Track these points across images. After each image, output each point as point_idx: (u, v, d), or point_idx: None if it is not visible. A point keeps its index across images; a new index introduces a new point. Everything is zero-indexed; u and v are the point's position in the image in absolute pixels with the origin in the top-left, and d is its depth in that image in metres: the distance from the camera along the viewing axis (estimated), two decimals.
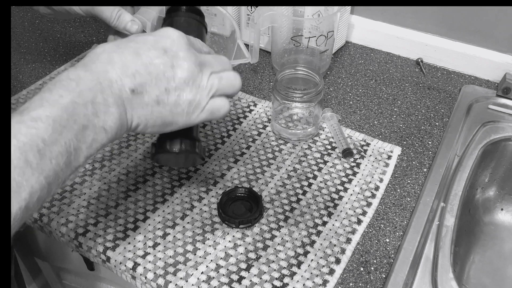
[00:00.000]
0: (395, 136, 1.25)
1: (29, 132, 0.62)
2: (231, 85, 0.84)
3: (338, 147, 1.20)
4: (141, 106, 0.76)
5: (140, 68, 0.74)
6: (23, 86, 1.40)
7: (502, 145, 1.27)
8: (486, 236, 1.35)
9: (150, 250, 0.99)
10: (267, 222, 1.04)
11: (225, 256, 0.98)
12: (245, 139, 1.23)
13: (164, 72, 0.75)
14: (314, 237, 1.01)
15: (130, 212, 1.06)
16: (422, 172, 1.17)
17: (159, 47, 0.76)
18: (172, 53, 0.76)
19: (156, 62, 0.75)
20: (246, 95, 1.37)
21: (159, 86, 0.76)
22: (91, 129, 0.70)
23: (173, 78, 0.76)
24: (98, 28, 1.67)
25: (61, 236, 1.04)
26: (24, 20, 1.70)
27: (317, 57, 1.41)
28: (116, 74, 0.72)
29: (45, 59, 1.52)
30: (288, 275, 0.95)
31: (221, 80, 0.82)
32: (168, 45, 0.76)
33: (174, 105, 0.78)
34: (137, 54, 0.74)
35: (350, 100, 1.37)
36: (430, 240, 1.03)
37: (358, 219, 1.05)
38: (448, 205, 1.10)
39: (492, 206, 1.37)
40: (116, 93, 0.73)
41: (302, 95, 1.14)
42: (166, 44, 0.76)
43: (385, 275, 0.96)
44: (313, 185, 1.12)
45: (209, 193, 1.10)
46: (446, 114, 1.32)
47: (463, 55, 1.25)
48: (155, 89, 0.75)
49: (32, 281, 1.51)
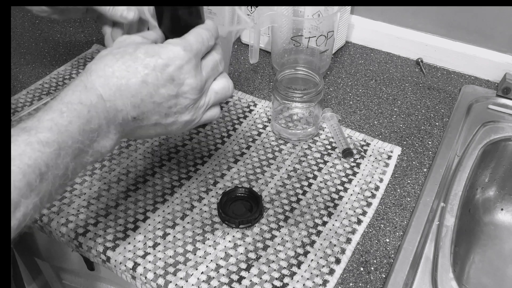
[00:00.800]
0: (395, 136, 1.25)
1: (34, 156, 0.63)
2: (225, 95, 0.85)
3: (338, 147, 1.20)
4: (138, 128, 0.78)
5: (145, 97, 0.74)
6: (23, 86, 1.40)
7: (502, 145, 1.27)
8: (486, 236, 1.35)
9: (150, 250, 0.99)
10: (267, 222, 1.04)
11: (225, 256, 0.98)
12: (245, 139, 1.23)
13: (168, 100, 0.76)
14: (314, 237, 1.01)
15: (130, 212, 1.06)
16: (422, 172, 1.17)
17: (168, 74, 0.75)
18: (179, 81, 0.76)
19: (161, 91, 0.75)
20: (246, 95, 1.37)
21: (160, 112, 0.77)
22: (90, 154, 0.72)
23: (175, 105, 0.77)
24: (98, 28, 1.67)
25: (61, 236, 1.04)
26: (24, 20, 1.70)
27: (317, 57, 1.41)
28: (122, 104, 0.73)
29: (45, 59, 1.52)
30: (288, 275, 0.95)
31: (217, 94, 0.83)
32: (176, 73, 0.75)
33: (170, 124, 0.80)
34: (145, 82, 0.73)
35: (350, 100, 1.37)
36: (430, 240, 1.03)
37: (358, 219, 1.05)
38: (448, 205, 1.10)
39: (492, 206, 1.37)
40: (119, 121, 0.74)
41: (302, 95, 1.14)
42: (174, 71, 0.75)
43: (385, 275, 0.96)
44: (313, 185, 1.12)
45: (209, 193, 1.10)
46: (446, 114, 1.32)
47: (463, 55, 1.25)
48: (155, 115, 0.77)
49: (32, 281, 1.51)
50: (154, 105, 0.75)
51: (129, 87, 0.72)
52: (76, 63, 1.49)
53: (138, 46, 0.76)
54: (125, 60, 0.73)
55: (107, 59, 0.74)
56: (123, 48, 0.75)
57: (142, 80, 0.73)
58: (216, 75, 0.84)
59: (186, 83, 0.76)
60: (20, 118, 1.27)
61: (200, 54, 0.79)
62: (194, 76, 0.77)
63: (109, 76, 0.72)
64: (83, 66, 1.47)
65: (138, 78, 0.73)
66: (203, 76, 0.79)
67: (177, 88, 0.76)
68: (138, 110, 0.74)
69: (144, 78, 0.73)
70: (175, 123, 0.80)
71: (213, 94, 0.82)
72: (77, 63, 1.48)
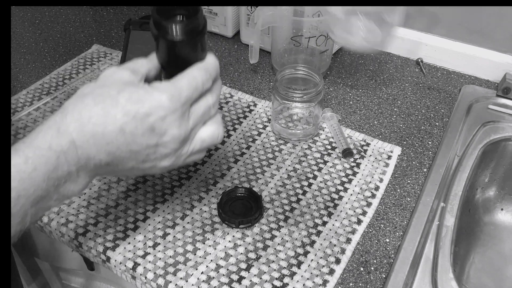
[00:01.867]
0: (395, 136, 1.25)
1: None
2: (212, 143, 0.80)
3: (338, 147, 1.20)
4: (112, 172, 0.75)
5: (122, 146, 0.69)
6: (23, 86, 1.40)
7: (502, 145, 1.27)
8: (486, 236, 1.35)
9: (150, 250, 0.99)
10: (267, 222, 1.04)
11: (225, 256, 0.98)
12: (245, 139, 1.23)
13: (146, 149, 0.71)
14: (314, 237, 1.01)
15: (130, 212, 1.06)
16: (422, 172, 1.17)
17: (148, 124, 0.69)
18: (161, 131, 0.70)
19: (139, 140, 0.70)
20: (246, 95, 1.37)
21: (137, 159, 0.72)
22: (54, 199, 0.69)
23: (154, 153, 0.73)
24: (98, 28, 1.67)
25: (61, 236, 1.04)
26: (24, 20, 1.70)
27: (317, 57, 1.41)
28: (96, 151, 0.68)
29: (45, 59, 1.52)
30: (288, 275, 0.95)
31: (203, 142, 0.78)
32: (158, 123, 0.69)
33: (148, 168, 0.76)
34: (123, 131, 0.68)
35: (350, 100, 1.37)
36: (430, 240, 1.03)
37: (358, 219, 1.05)
38: (448, 205, 1.10)
39: (492, 206, 1.37)
40: (91, 168, 0.70)
41: (302, 95, 1.14)
42: (155, 121, 0.69)
43: (385, 275, 0.97)
44: (313, 185, 1.12)
45: (209, 193, 1.10)
46: (446, 114, 1.32)
47: (463, 55, 1.25)
48: (132, 161, 0.73)
49: (32, 281, 1.51)
50: (130, 153, 0.71)
51: (105, 135, 0.68)
52: (76, 63, 1.49)
53: (122, 89, 0.70)
54: (105, 105, 0.68)
55: (86, 101, 0.69)
56: (106, 89, 0.70)
57: (120, 129, 0.68)
58: (207, 120, 0.78)
59: (167, 134, 0.71)
60: (20, 118, 1.27)
61: (191, 101, 0.73)
62: (178, 126, 0.71)
63: (85, 122, 0.67)
64: (83, 66, 1.47)
65: (116, 125, 0.68)
66: (189, 125, 0.74)
67: (157, 138, 0.70)
68: (112, 157, 0.70)
69: (122, 126, 0.68)
70: (153, 167, 0.75)
71: (198, 142, 0.77)
72: (77, 63, 1.49)
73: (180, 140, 0.73)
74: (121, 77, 0.73)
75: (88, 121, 0.67)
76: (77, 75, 1.43)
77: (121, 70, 0.74)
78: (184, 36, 0.73)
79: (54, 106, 1.32)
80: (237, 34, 1.64)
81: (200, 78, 0.74)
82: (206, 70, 0.76)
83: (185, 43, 0.74)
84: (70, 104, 0.69)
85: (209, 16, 1.59)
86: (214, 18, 1.59)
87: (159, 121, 0.69)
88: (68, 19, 1.72)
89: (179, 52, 0.76)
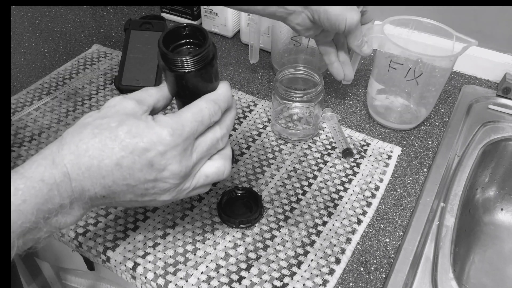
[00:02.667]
0: (395, 136, 1.25)
1: None
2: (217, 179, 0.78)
3: (338, 147, 1.20)
4: (111, 203, 0.73)
5: (118, 180, 0.68)
6: (23, 86, 1.40)
7: (502, 145, 1.27)
8: (486, 236, 1.35)
9: (150, 250, 0.99)
10: (267, 222, 1.04)
11: (225, 256, 0.98)
12: (245, 139, 1.23)
13: (144, 183, 0.70)
14: (314, 237, 1.01)
15: (130, 212, 1.06)
16: (422, 172, 1.17)
17: (146, 159, 0.68)
18: (160, 166, 0.69)
19: (137, 175, 0.68)
20: (246, 95, 1.37)
21: (135, 192, 0.71)
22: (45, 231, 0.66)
23: (153, 188, 0.71)
24: (98, 28, 1.67)
25: (61, 236, 1.04)
26: (24, 20, 1.70)
27: (317, 57, 1.41)
28: (91, 184, 0.67)
29: (45, 59, 1.52)
30: (288, 275, 0.95)
31: (207, 178, 0.76)
32: (157, 159, 0.68)
33: (147, 201, 0.74)
34: (119, 165, 0.67)
35: (350, 100, 1.37)
36: (430, 240, 1.03)
37: (358, 219, 1.05)
38: (448, 205, 1.10)
39: (492, 206, 1.37)
40: (85, 200, 0.69)
41: (302, 95, 1.14)
42: (154, 157, 0.68)
43: (385, 275, 0.96)
44: (313, 185, 1.12)
45: (209, 193, 1.10)
46: (446, 114, 1.32)
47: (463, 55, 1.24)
48: (129, 194, 0.71)
49: (32, 281, 1.51)
50: (127, 187, 0.69)
51: (101, 169, 0.66)
52: (76, 63, 1.49)
53: (122, 121, 0.68)
54: (103, 138, 0.66)
55: (85, 132, 0.67)
56: (106, 120, 0.68)
57: (116, 163, 0.66)
58: (213, 154, 0.77)
59: (167, 169, 0.69)
60: (20, 118, 1.27)
61: (195, 135, 0.72)
62: (179, 162, 0.70)
63: (81, 154, 0.65)
64: (83, 66, 1.47)
65: (113, 159, 0.66)
66: (191, 160, 0.72)
67: (155, 173, 0.69)
68: (108, 190, 0.68)
69: (119, 160, 0.66)
70: (153, 201, 0.74)
71: (202, 178, 0.76)
72: (77, 63, 1.49)
73: (180, 176, 0.71)
74: (124, 107, 0.71)
75: (84, 154, 0.66)
76: (77, 75, 1.43)
77: (126, 100, 0.72)
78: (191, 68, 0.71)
79: (54, 106, 1.32)
80: (237, 34, 1.64)
81: (207, 111, 0.72)
82: (215, 102, 0.74)
83: (193, 76, 0.72)
84: (68, 134, 0.68)
85: (209, 16, 1.59)
86: (214, 18, 1.59)
87: (158, 157, 0.68)
88: (68, 19, 1.72)
89: (187, 84, 0.74)
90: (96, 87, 1.39)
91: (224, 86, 0.76)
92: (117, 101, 0.72)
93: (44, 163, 0.65)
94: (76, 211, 0.69)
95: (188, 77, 0.72)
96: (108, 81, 1.41)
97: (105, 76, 1.43)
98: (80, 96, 1.35)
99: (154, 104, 0.75)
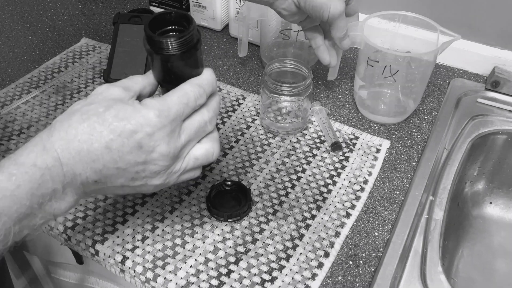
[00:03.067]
0: (384, 130, 1.25)
1: None
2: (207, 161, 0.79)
3: (327, 140, 1.20)
4: (102, 190, 0.74)
5: (108, 163, 0.69)
6: (11, 79, 1.39)
7: (491, 138, 1.28)
8: (475, 230, 1.35)
9: (138, 243, 0.99)
10: (256, 216, 1.04)
11: (214, 250, 0.98)
12: (233, 133, 1.23)
13: (134, 166, 0.70)
14: (303, 230, 1.01)
15: (119, 206, 1.06)
16: (411, 165, 1.17)
17: (135, 141, 0.69)
18: (149, 148, 0.70)
19: (127, 158, 0.69)
20: (235, 88, 1.37)
21: (126, 176, 0.72)
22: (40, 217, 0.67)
23: (143, 171, 0.72)
24: (87, 22, 1.67)
25: (50, 230, 1.03)
26: (13, 14, 1.70)
27: (306, 51, 1.41)
28: (82, 168, 0.68)
29: (34, 53, 1.51)
30: (277, 269, 0.95)
31: (197, 160, 0.77)
32: (145, 140, 0.69)
33: (139, 186, 0.75)
34: (109, 148, 0.68)
35: (339, 94, 1.37)
36: (419, 234, 1.03)
37: (347, 213, 1.05)
38: (437, 199, 1.10)
39: (480, 200, 1.37)
40: (77, 185, 0.70)
41: (290, 89, 1.14)
42: (143, 138, 0.69)
43: (374, 269, 0.97)
44: (302, 178, 1.12)
45: (198, 186, 1.10)
46: (435, 108, 1.32)
47: (452, 49, 1.24)
48: (120, 178, 0.72)
49: (21, 275, 1.51)
50: (118, 171, 0.70)
51: (90, 152, 0.67)
52: (65, 56, 1.48)
53: (110, 106, 0.69)
54: (91, 122, 0.68)
55: (73, 118, 0.69)
56: (94, 106, 0.70)
57: (106, 146, 0.67)
58: (202, 137, 0.78)
59: (156, 151, 0.70)
60: (9, 112, 1.27)
61: (181, 117, 0.73)
62: (167, 143, 0.71)
63: (70, 139, 0.67)
64: (72, 59, 1.47)
65: (102, 143, 0.67)
66: (180, 141, 0.73)
67: (145, 155, 0.70)
68: (99, 175, 0.69)
69: (108, 143, 0.68)
70: (144, 185, 0.75)
71: (192, 160, 0.77)
72: (66, 57, 1.48)
73: (169, 157, 0.72)
74: (111, 94, 0.72)
75: (74, 139, 0.67)
76: (66, 69, 1.43)
77: (112, 87, 0.73)
78: (176, 51, 0.72)
79: (42, 99, 1.32)
80: (226, 28, 1.63)
81: (193, 94, 0.73)
82: (199, 86, 0.75)
83: (178, 58, 0.73)
84: (57, 122, 0.69)
85: (198, 9, 1.59)
86: (203, 12, 1.58)
87: (146, 138, 0.69)
88: (57, 12, 1.71)
89: (172, 68, 0.75)
90: (85, 80, 1.39)
91: (208, 71, 0.78)
92: (104, 89, 0.73)
93: (36, 149, 0.66)
94: (70, 196, 0.69)
95: (173, 60, 0.73)
96: (97, 75, 1.41)
97: (93, 70, 1.43)
98: (68, 89, 1.35)
99: (140, 90, 0.76)
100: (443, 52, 1.15)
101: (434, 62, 1.19)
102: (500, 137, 1.28)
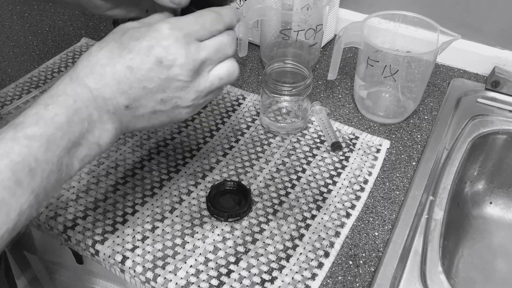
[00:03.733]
0: (384, 130, 1.25)
1: (22, 152, 0.61)
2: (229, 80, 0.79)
3: (327, 140, 1.20)
4: (136, 118, 0.75)
5: (134, 83, 0.70)
6: (11, 79, 1.39)
7: (491, 138, 1.28)
8: (475, 230, 1.35)
9: (139, 243, 0.98)
10: (256, 216, 1.04)
11: (214, 250, 0.98)
12: (233, 133, 1.23)
13: (159, 84, 0.72)
14: (303, 230, 1.01)
15: (119, 206, 1.06)
16: (411, 165, 1.17)
17: (153, 57, 0.70)
18: (168, 62, 0.70)
19: (150, 75, 0.70)
20: (235, 88, 1.37)
21: (155, 98, 0.73)
22: (85, 146, 0.70)
23: (169, 88, 0.73)
24: (87, 21, 1.67)
25: (50, 230, 1.03)
26: (13, 14, 1.70)
27: (306, 51, 1.41)
28: (110, 91, 0.70)
29: (34, 53, 1.51)
30: (277, 269, 0.95)
31: (221, 80, 0.77)
32: (163, 54, 0.70)
33: (171, 110, 0.76)
34: (130, 68, 0.70)
35: (339, 94, 1.37)
36: (419, 234, 1.03)
37: (347, 213, 1.05)
38: (437, 199, 1.10)
39: (481, 200, 1.37)
40: (111, 110, 0.71)
41: (291, 89, 1.14)
42: (160, 52, 0.70)
43: (374, 269, 0.97)
44: (302, 178, 1.12)
45: (198, 186, 1.10)
46: (435, 108, 1.32)
47: (452, 49, 1.24)
48: (150, 101, 0.73)
49: (21, 275, 1.51)
50: (145, 91, 0.71)
51: (114, 74, 0.70)
52: (65, 56, 1.48)
53: (125, 32, 0.72)
54: (110, 48, 0.71)
55: (93, 48, 0.72)
56: (111, 35, 0.73)
57: (127, 66, 0.70)
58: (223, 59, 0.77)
59: (176, 64, 0.71)
60: (9, 112, 1.27)
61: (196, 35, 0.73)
62: (185, 56, 0.71)
63: (93, 64, 0.70)
64: (72, 59, 1.47)
65: (123, 64, 0.70)
66: (199, 56, 0.73)
67: (166, 70, 0.71)
68: (128, 97, 0.71)
69: (129, 63, 0.70)
70: (176, 108, 0.76)
71: (216, 80, 0.77)
72: (66, 57, 1.48)
73: (189, 68, 0.72)
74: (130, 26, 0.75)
75: (96, 64, 0.70)
76: (66, 69, 1.43)
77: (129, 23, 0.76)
78: None
79: None
80: None
81: (209, 18, 0.74)
82: (217, 13, 0.75)
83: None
84: (80, 57, 0.72)
85: None
86: None
87: (163, 52, 0.70)
88: (57, 12, 1.71)
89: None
90: None
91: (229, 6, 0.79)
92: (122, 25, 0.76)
93: (64, 82, 0.70)
94: (108, 124, 0.72)
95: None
96: None
97: None
98: None
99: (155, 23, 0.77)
100: (443, 52, 1.15)
101: (434, 62, 1.19)
102: (500, 137, 1.28)
